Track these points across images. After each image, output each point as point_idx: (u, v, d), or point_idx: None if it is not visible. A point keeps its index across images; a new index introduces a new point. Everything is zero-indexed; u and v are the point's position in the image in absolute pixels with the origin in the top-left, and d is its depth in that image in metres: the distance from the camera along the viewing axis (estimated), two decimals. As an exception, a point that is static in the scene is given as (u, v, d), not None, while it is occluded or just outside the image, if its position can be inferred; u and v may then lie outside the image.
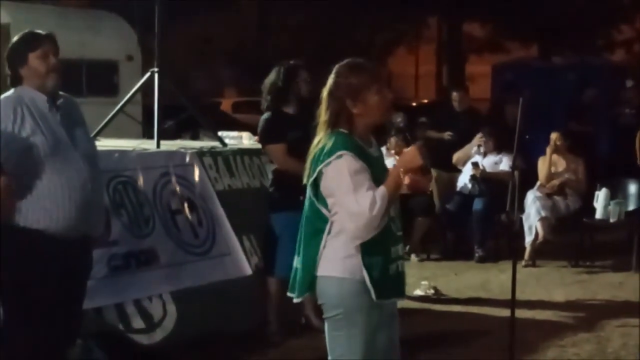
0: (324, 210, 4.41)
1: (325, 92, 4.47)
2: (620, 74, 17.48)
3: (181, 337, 6.58)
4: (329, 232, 4.41)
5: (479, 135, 11.39)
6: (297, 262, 4.55)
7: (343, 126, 4.40)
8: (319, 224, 4.43)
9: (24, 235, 4.85)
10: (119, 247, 6.34)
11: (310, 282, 4.48)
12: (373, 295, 4.35)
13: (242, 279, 7.22)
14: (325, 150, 4.36)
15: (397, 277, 4.47)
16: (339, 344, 4.48)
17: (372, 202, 4.24)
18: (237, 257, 7.16)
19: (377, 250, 4.36)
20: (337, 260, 4.40)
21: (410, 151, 4.37)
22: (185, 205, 6.97)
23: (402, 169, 4.33)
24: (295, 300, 4.61)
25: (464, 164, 11.48)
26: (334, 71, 4.48)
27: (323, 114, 4.45)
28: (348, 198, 4.28)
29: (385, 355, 4.51)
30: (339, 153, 4.32)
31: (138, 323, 6.41)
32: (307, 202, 4.49)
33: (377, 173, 4.38)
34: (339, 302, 4.44)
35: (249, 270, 7.17)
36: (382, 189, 4.28)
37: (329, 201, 4.38)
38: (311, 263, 4.44)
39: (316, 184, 4.40)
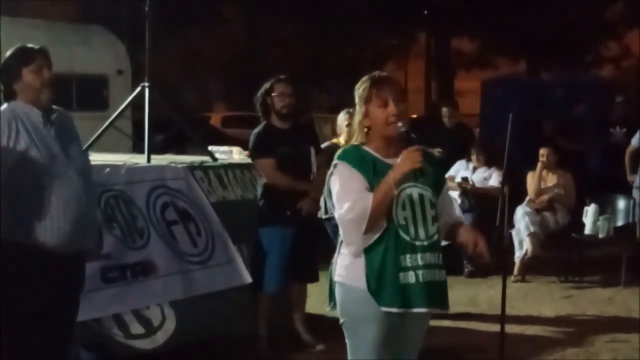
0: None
1: None
2: (609, 90, 17.52)
3: (180, 341, 6.61)
4: (342, 240, 4.46)
5: None
6: None
7: (359, 138, 4.47)
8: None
9: (19, 249, 4.83)
10: (112, 260, 6.35)
11: (331, 288, 4.55)
12: (376, 302, 4.34)
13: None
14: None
15: (414, 287, 4.36)
16: (350, 353, 4.49)
17: (351, 206, 4.28)
18: (237, 265, 7.18)
19: (378, 258, 4.34)
20: (343, 267, 4.45)
21: (401, 158, 4.36)
22: (181, 216, 6.99)
23: (393, 177, 4.32)
24: (327, 309, 4.63)
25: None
26: None
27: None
28: (336, 203, 4.38)
29: None
30: (334, 162, 4.43)
31: (137, 328, 6.44)
32: None
33: None
34: (343, 309, 4.47)
35: (249, 279, 7.20)
36: (368, 195, 4.30)
37: None
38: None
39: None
